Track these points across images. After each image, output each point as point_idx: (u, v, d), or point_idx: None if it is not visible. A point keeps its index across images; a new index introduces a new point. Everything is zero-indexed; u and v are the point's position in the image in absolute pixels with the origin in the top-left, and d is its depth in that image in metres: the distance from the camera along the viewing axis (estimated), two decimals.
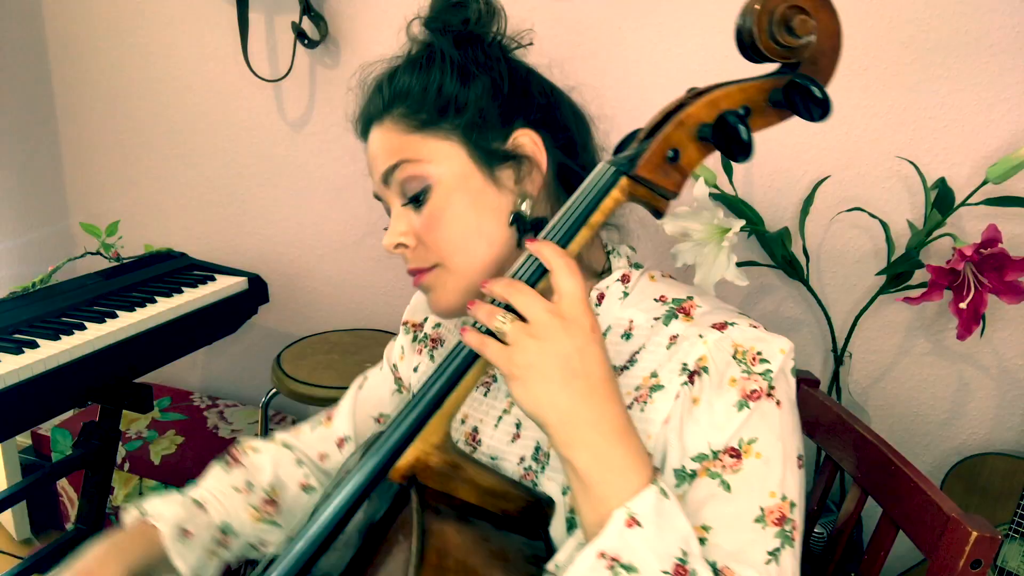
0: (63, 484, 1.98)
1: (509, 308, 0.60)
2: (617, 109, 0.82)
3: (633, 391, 0.70)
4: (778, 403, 0.66)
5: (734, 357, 0.67)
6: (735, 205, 1.40)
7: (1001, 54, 1.32)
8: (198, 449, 1.86)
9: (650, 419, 0.68)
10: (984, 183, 1.28)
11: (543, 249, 0.61)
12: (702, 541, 0.63)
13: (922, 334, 1.48)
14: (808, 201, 1.42)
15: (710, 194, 1.31)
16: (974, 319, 1.26)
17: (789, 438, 0.67)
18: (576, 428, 0.58)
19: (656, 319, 0.72)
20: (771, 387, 0.66)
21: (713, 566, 0.61)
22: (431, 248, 0.73)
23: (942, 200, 1.32)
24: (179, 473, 1.81)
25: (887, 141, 1.42)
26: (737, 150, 0.61)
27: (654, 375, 0.69)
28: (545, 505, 0.71)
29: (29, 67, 2.09)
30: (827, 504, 1.44)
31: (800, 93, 0.62)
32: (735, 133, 0.60)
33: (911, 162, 1.37)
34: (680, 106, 0.65)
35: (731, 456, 0.64)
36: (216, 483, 0.89)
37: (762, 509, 0.64)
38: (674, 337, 0.70)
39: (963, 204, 1.31)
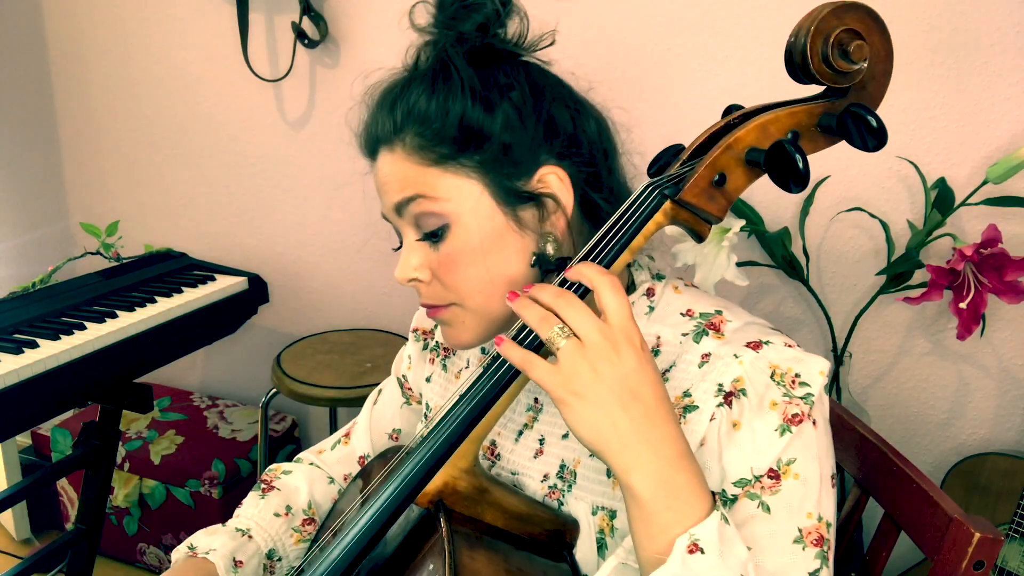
0: (63, 484, 1.98)
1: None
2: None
3: None
4: (814, 423, 0.64)
5: (772, 378, 0.64)
6: (735, 205, 1.40)
7: (1001, 54, 1.32)
8: (198, 449, 1.86)
9: None
10: (984, 183, 1.28)
11: (583, 270, 0.59)
12: None
13: (922, 334, 1.48)
14: (808, 201, 1.42)
15: None
16: (974, 319, 1.26)
17: (825, 458, 0.65)
18: (638, 453, 0.56)
19: (685, 335, 0.69)
20: (812, 410, 0.64)
21: None
22: (449, 287, 0.69)
23: (942, 200, 1.32)
24: (179, 473, 1.81)
25: (887, 141, 1.42)
26: (793, 181, 0.58)
27: (687, 394, 0.66)
28: (571, 527, 0.70)
29: (29, 67, 2.09)
30: None
31: (856, 121, 0.61)
32: (792, 164, 0.58)
33: (911, 162, 1.37)
34: (727, 128, 0.63)
35: (770, 478, 0.63)
36: (255, 511, 0.88)
37: (800, 530, 0.63)
38: (706, 356, 0.67)
39: (963, 204, 1.31)
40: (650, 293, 0.73)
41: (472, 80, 0.66)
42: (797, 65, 0.60)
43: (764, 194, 1.51)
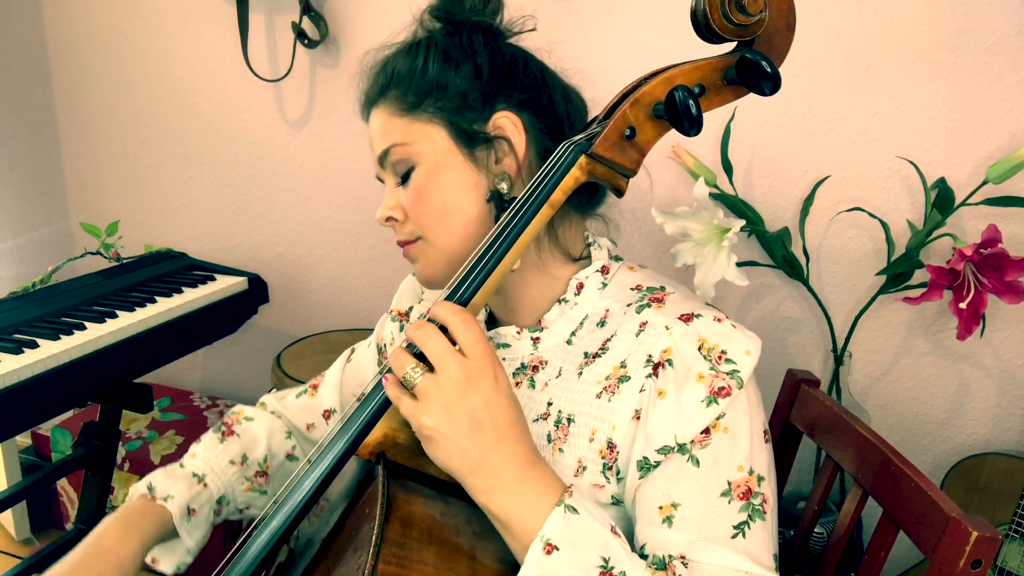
0: (63, 484, 1.98)
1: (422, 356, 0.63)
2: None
3: (603, 380, 0.72)
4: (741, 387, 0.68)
5: (699, 351, 0.68)
6: (735, 205, 1.40)
7: (1001, 54, 1.32)
8: None
9: (616, 409, 0.70)
10: (984, 183, 1.28)
11: (437, 311, 0.64)
12: (669, 520, 0.64)
13: (922, 334, 1.48)
14: (808, 201, 1.42)
15: (710, 194, 1.31)
16: (974, 319, 1.26)
17: (756, 414, 0.68)
18: (487, 474, 0.61)
19: (629, 306, 0.75)
20: (740, 386, 0.67)
21: (662, 562, 0.63)
22: (414, 221, 0.76)
23: (942, 200, 1.32)
24: None
25: (887, 141, 1.42)
26: (688, 124, 0.64)
27: (623, 364, 0.71)
28: None
29: (29, 67, 2.09)
30: (827, 504, 1.44)
31: (750, 68, 0.65)
32: (685, 107, 0.64)
33: (911, 162, 1.37)
34: (636, 86, 0.68)
35: (701, 433, 0.66)
36: (212, 455, 0.93)
37: (729, 483, 0.65)
38: (643, 324, 0.72)
39: (963, 204, 1.31)
40: (604, 271, 0.79)
41: (439, 39, 0.76)
42: (701, 25, 0.65)
43: (764, 194, 1.52)
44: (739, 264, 1.30)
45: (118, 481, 1.86)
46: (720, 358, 0.68)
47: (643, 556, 0.66)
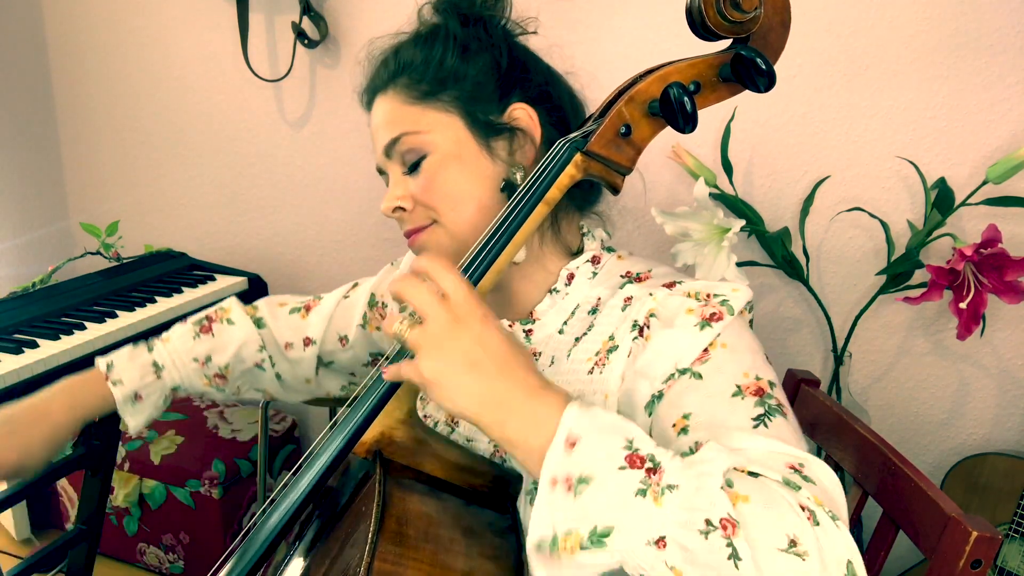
0: (63, 484, 1.98)
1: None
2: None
3: (593, 356, 0.72)
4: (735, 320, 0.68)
5: (687, 296, 0.69)
6: (735, 205, 1.40)
7: (1001, 54, 1.32)
8: (198, 449, 1.86)
9: (607, 379, 0.70)
10: (984, 183, 1.28)
11: (418, 263, 0.62)
12: (684, 430, 0.62)
13: (922, 334, 1.48)
14: (808, 201, 1.42)
15: (710, 194, 1.31)
16: (974, 319, 1.26)
17: (752, 339, 0.68)
18: (497, 407, 0.59)
19: (619, 289, 0.76)
20: (731, 313, 0.67)
21: (688, 452, 0.59)
22: (428, 206, 0.76)
23: (942, 200, 1.32)
24: (179, 473, 1.81)
25: (887, 141, 1.42)
26: (682, 121, 0.64)
27: (611, 338, 0.72)
28: (513, 480, 0.73)
29: (29, 67, 2.09)
30: None
31: (745, 65, 0.65)
32: (679, 104, 0.64)
33: (911, 162, 1.37)
34: (631, 84, 0.68)
35: (701, 352, 0.66)
36: (181, 346, 0.98)
37: (738, 386, 0.63)
38: (628, 299, 0.73)
39: (963, 204, 1.31)
40: (595, 260, 0.80)
41: (456, 32, 0.76)
42: (697, 22, 0.65)
43: (764, 194, 1.52)
44: (739, 264, 1.30)
45: (118, 481, 1.86)
46: (708, 297, 0.68)
47: None
